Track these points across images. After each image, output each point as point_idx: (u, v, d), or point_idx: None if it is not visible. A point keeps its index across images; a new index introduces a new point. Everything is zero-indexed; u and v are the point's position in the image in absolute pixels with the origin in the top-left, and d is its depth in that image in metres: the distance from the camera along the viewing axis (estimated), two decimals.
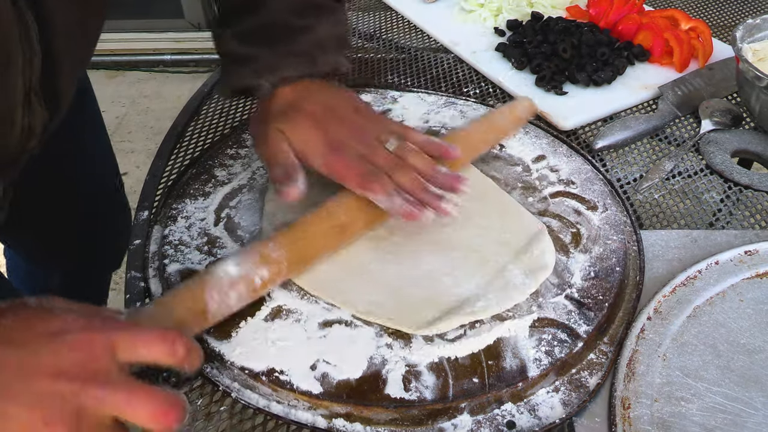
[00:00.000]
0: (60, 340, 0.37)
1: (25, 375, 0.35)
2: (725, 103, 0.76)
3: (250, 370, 0.46)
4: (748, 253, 0.56)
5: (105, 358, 0.37)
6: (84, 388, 0.35)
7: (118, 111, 2.28)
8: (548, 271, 0.53)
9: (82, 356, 0.36)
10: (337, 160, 0.53)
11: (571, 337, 0.48)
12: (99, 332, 0.38)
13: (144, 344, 0.38)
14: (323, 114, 0.55)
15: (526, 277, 0.52)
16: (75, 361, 0.36)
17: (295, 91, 0.57)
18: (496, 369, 0.46)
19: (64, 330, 0.37)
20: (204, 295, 0.45)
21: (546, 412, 0.45)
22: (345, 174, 0.53)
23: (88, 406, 0.35)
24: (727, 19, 1.01)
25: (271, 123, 0.55)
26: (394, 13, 1.03)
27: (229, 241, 0.56)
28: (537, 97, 0.78)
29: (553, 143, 0.68)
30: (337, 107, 0.57)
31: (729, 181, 0.67)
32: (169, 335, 0.39)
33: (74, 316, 0.39)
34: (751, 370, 0.47)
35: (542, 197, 0.61)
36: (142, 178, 0.68)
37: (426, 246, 0.55)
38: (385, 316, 0.49)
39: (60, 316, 0.38)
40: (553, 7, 0.97)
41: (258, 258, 0.48)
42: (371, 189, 0.52)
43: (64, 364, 0.36)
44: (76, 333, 0.37)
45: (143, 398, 0.36)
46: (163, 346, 0.39)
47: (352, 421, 0.44)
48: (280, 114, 0.55)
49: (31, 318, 0.38)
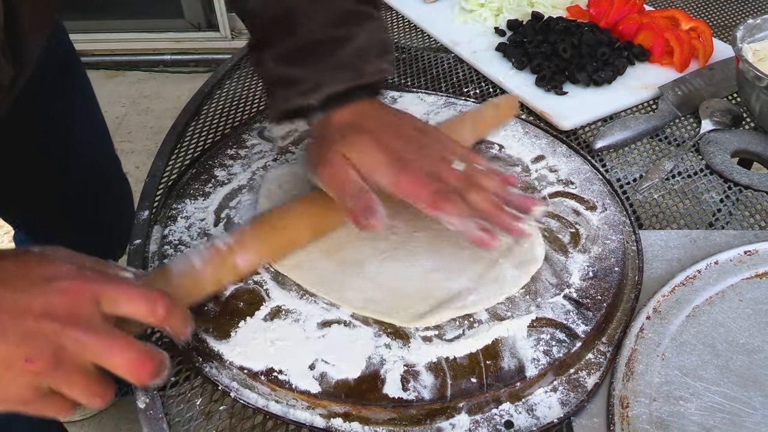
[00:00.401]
0: (51, 286, 0.39)
1: (14, 314, 0.37)
2: (725, 103, 0.76)
3: (249, 370, 0.46)
4: (748, 253, 0.56)
5: (90, 307, 0.39)
6: (66, 330, 0.38)
7: (118, 111, 2.28)
8: (538, 263, 0.54)
9: (69, 301, 0.39)
10: (407, 180, 0.50)
11: (570, 337, 0.48)
12: (88, 282, 0.40)
13: (127, 299, 0.40)
14: (385, 133, 0.52)
15: (516, 270, 0.53)
16: (61, 305, 0.38)
17: (352, 113, 0.54)
18: (495, 369, 0.46)
19: (57, 277, 0.39)
20: (189, 288, 0.47)
21: (544, 412, 0.45)
22: (416, 192, 0.50)
23: (69, 348, 0.38)
24: (728, 19, 1.01)
25: (331, 147, 0.52)
26: (394, 13, 1.03)
27: None
28: (537, 97, 0.78)
29: (553, 143, 0.68)
30: (398, 125, 0.54)
31: (729, 181, 0.67)
32: (152, 295, 0.41)
33: (69, 266, 0.41)
34: (750, 370, 0.47)
35: (541, 197, 0.61)
36: (142, 178, 0.68)
37: (421, 244, 0.55)
38: (378, 310, 0.50)
39: (56, 264, 0.41)
40: (553, 6, 0.97)
41: (219, 261, 0.49)
42: (444, 209, 0.49)
43: (51, 307, 0.38)
44: (67, 280, 0.39)
45: (121, 347, 0.39)
46: (144, 304, 0.40)
47: (351, 420, 0.45)
48: (340, 137, 0.52)
49: (30, 263, 0.40)
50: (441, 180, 0.51)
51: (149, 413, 0.47)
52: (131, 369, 0.39)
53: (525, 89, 0.80)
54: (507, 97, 0.68)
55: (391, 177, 0.50)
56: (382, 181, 0.51)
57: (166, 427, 0.46)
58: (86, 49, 2.40)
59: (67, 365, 0.38)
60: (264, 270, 0.53)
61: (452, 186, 0.50)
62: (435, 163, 0.51)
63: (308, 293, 0.52)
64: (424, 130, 0.55)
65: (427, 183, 0.50)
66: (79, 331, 0.38)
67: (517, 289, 0.52)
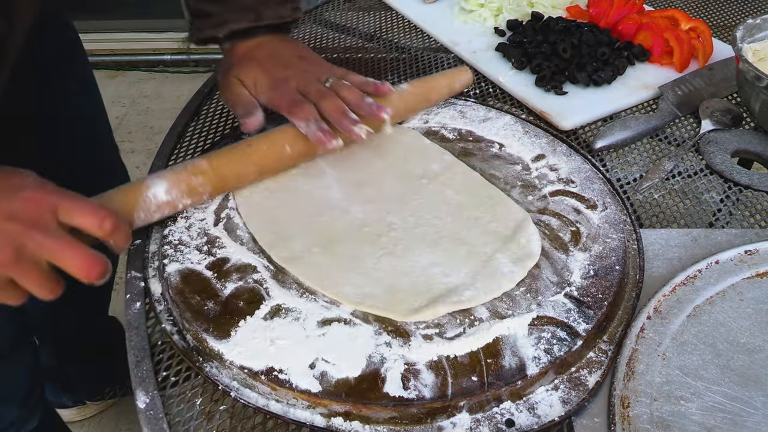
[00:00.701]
0: (16, 195, 0.46)
1: None
2: (725, 103, 0.76)
3: (250, 369, 0.46)
4: (749, 252, 0.56)
5: (48, 215, 0.46)
6: (27, 231, 0.44)
7: (118, 111, 2.28)
8: (535, 258, 0.54)
9: (31, 208, 0.45)
10: (278, 95, 0.63)
11: (571, 336, 0.48)
12: (48, 194, 0.47)
13: (80, 213, 0.47)
14: (270, 60, 0.66)
15: (514, 265, 0.53)
16: (24, 211, 0.45)
17: (249, 47, 0.67)
18: (495, 367, 0.46)
19: (22, 187, 0.46)
20: (132, 213, 0.54)
21: (545, 411, 0.45)
22: (280, 104, 0.62)
23: (29, 246, 0.44)
24: (727, 19, 1.01)
25: (230, 72, 0.66)
26: (394, 13, 1.03)
27: (228, 240, 0.56)
28: (537, 97, 0.78)
29: (553, 142, 0.68)
30: (283, 54, 0.67)
31: (729, 181, 0.67)
32: (102, 211, 0.47)
33: (34, 180, 0.48)
34: (751, 370, 0.47)
35: (542, 196, 0.61)
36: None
37: (420, 240, 0.56)
38: (376, 305, 0.50)
39: (22, 176, 0.47)
40: (553, 7, 0.97)
41: (185, 187, 0.56)
42: (295, 114, 0.60)
43: (15, 212, 0.45)
44: (30, 191, 0.46)
45: (75, 251, 0.45)
46: (94, 218, 0.47)
47: (351, 419, 0.44)
48: (236, 65, 0.66)
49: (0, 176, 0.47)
50: (304, 93, 0.62)
51: (149, 413, 0.47)
52: (84, 270, 0.45)
53: (525, 89, 0.80)
54: (461, 69, 0.75)
55: (267, 94, 0.64)
56: (261, 98, 0.64)
57: (166, 427, 0.46)
58: (86, 49, 2.39)
59: (25, 261, 0.44)
60: (264, 268, 0.54)
61: (311, 97, 0.62)
62: (307, 82, 0.63)
63: (308, 291, 0.52)
64: (306, 56, 0.68)
65: (291, 95, 0.62)
66: (39, 234, 0.44)
67: (514, 285, 0.52)
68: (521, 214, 0.59)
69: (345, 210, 0.59)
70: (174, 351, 0.51)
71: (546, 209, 0.60)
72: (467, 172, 0.64)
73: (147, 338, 0.52)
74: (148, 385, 0.48)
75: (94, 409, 1.29)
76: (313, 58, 0.68)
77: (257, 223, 0.58)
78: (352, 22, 1.01)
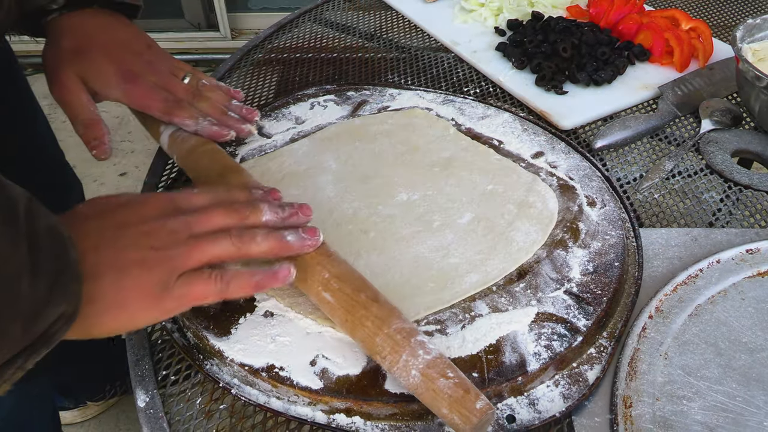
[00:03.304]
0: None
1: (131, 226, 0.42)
2: (725, 103, 0.76)
3: (250, 367, 0.46)
4: (750, 251, 0.56)
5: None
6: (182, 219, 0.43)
7: (118, 111, 2.27)
8: (554, 219, 0.57)
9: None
10: (136, 89, 0.58)
11: (571, 332, 0.48)
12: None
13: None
14: (116, 48, 0.59)
15: (535, 232, 0.56)
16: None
17: (87, 26, 0.59)
18: (496, 363, 0.46)
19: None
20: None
21: (546, 406, 0.45)
22: (148, 103, 0.58)
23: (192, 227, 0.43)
24: (727, 19, 1.01)
25: (66, 66, 0.57)
26: (394, 13, 1.03)
27: None
28: (537, 97, 0.78)
29: (551, 140, 0.68)
30: (130, 42, 0.60)
31: (729, 181, 0.67)
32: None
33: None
34: (753, 369, 0.47)
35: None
36: (142, 178, 0.67)
37: (421, 228, 0.56)
38: (321, 316, 0.49)
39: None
40: (553, 6, 0.97)
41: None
42: (178, 115, 0.58)
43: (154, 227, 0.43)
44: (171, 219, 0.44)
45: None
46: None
47: (352, 416, 0.44)
48: (73, 53, 0.57)
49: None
50: (170, 92, 0.59)
51: (149, 412, 0.46)
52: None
53: (525, 89, 0.80)
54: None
55: (119, 87, 0.57)
56: (111, 93, 0.58)
57: (166, 426, 0.46)
58: None
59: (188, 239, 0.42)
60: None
61: (181, 96, 0.59)
62: (164, 77, 0.59)
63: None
64: (152, 46, 0.62)
65: (157, 94, 0.58)
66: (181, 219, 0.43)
67: (532, 255, 0.54)
68: (530, 177, 0.61)
69: (333, 209, 0.58)
70: (174, 349, 0.51)
71: None
72: (481, 153, 0.65)
73: (146, 337, 0.52)
74: (147, 384, 0.48)
75: (95, 410, 1.28)
76: (158, 48, 0.63)
77: None
78: (352, 22, 1.01)
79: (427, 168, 0.63)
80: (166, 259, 0.41)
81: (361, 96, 0.76)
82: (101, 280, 0.39)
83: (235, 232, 0.43)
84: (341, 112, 0.73)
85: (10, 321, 0.33)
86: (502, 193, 0.60)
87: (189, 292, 0.42)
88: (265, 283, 0.44)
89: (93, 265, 0.39)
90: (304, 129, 0.70)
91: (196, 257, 0.42)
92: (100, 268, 0.40)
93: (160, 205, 0.44)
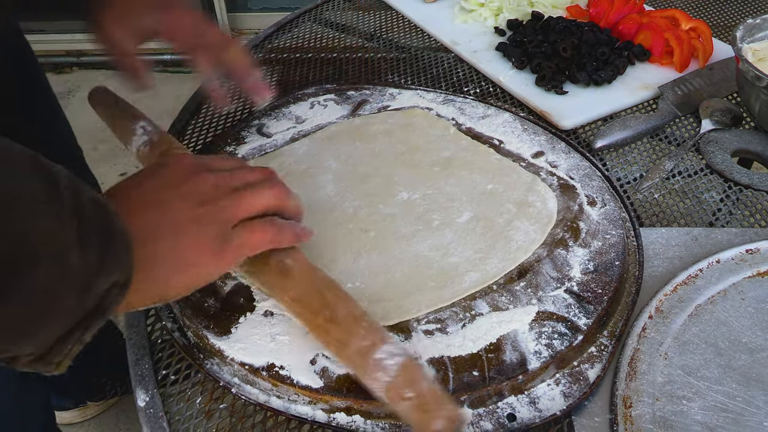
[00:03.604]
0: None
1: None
2: (725, 102, 0.76)
3: (250, 366, 0.46)
4: (750, 251, 0.56)
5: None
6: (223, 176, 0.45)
7: None
8: (553, 219, 0.57)
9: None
10: (170, 16, 0.58)
11: (571, 330, 0.48)
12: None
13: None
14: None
15: (534, 231, 0.56)
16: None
17: None
18: (496, 362, 0.46)
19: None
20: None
21: (547, 405, 0.45)
22: (180, 36, 0.59)
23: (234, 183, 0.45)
24: (727, 19, 1.01)
25: (106, 12, 0.57)
26: (394, 13, 1.03)
27: None
28: (537, 97, 0.78)
29: (552, 140, 0.68)
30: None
31: (729, 181, 0.67)
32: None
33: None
34: (753, 369, 0.47)
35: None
36: None
37: (421, 227, 0.57)
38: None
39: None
40: (553, 6, 0.97)
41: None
42: (200, 54, 0.58)
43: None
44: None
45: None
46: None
47: (352, 414, 0.44)
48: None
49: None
50: (201, 31, 0.59)
51: (149, 412, 0.46)
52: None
53: (525, 89, 0.80)
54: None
55: (159, 14, 0.58)
56: (147, 17, 0.58)
57: (166, 426, 0.46)
58: (87, 49, 2.39)
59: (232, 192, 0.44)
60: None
61: (210, 40, 0.59)
62: (199, 17, 0.59)
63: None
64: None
65: (188, 26, 0.58)
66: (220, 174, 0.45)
67: (530, 254, 0.54)
68: (530, 177, 0.61)
69: (333, 207, 0.59)
70: (174, 349, 0.51)
71: None
72: (481, 152, 0.65)
73: (146, 336, 0.52)
74: (147, 384, 0.48)
75: (95, 410, 1.28)
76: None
77: None
78: (352, 22, 1.01)
79: (428, 167, 0.63)
80: (218, 212, 0.43)
81: (362, 95, 0.76)
82: (159, 243, 0.40)
83: (269, 184, 0.45)
84: (341, 112, 0.73)
85: (64, 294, 0.33)
86: (502, 193, 0.60)
87: (248, 241, 0.43)
88: (302, 235, 0.47)
89: (142, 229, 0.39)
90: (304, 128, 0.70)
91: (245, 207, 0.44)
92: (153, 231, 0.40)
93: (191, 163, 0.45)
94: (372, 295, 0.50)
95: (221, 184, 0.44)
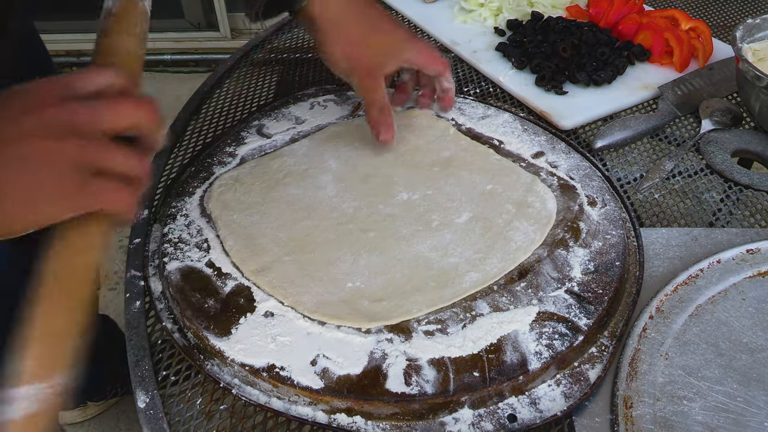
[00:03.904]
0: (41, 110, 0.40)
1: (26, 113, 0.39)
2: (725, 102, 0.76)
3: (251, 367, 0.46)
4: (750, 251, 0.56)
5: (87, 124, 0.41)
6: (74, 106, 0.40)
7: None
8: (552, 219, 0.57)
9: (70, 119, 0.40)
10: (358, 54, 0.63)
11: (572, 331, 0.48)
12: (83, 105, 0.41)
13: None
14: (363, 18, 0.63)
15: (533, 232, 0.56)
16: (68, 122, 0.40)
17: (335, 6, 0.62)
18: (497, 363, 0.46)
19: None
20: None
21: (547, 405, 0.45)
22: (359, 66, 0.63)
23: (84, 120, 0.39)
24: (727, 19, 1.01)
25: (367, 54, 0.62)
26: (394, 13, 1.03)
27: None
28: (537, 97, 0.78)
29: (552, 140, 0.68)
30: (372, 15, 0.65)
31: (729, 181, 0.67)
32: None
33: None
34: (754, 369, 0.47)
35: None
36: None
37: (421, 228, 0.56)
38: (328, 314, 0.49)
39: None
40: (553, 6, 0.97)
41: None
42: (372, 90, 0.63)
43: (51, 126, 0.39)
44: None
45: (129, 104, 0.42)
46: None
47: (353, 415, 0.44)
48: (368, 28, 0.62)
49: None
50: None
51: (149, 413, 0.46)
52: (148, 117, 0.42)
53: (525, 89, 0.80)
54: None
55: (349, 49, 0.62)
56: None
57: (166, 427, 0.46)
58: (86, 49, 2.39)
59: (92, 138, 0.39)
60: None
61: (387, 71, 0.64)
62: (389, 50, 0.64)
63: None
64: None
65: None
66: (87, 106, 0.40)
67: (530, 253, 0.54)
68: (529, 177, 0.62)
69: (333, 208, 0.59)
70: (174, 350, 0.51)
71: None
72: (481, 153, 0.65)
73: (147, 337, 0.52)
74: (147, 385, 0.48)
75: (95, 410, 1.28)
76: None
77: (231, 242, 0.55)
78: None
79: (427, 168, 0.63)
80: (76, 151, 0.39)
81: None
82: (5, 172, 0.37)
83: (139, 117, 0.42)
84: (341, 112, 0.73)
85: None
86: (501, 193, 0.60)
87: (106, 197, 0.40)
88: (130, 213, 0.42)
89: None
90: (304, 129, 0.70)
91: (106, 156, 0.40)
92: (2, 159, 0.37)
93: (55, 88, 0.41)
94: (372, 295, 0.50)
95: (84, 121, 0.39)
